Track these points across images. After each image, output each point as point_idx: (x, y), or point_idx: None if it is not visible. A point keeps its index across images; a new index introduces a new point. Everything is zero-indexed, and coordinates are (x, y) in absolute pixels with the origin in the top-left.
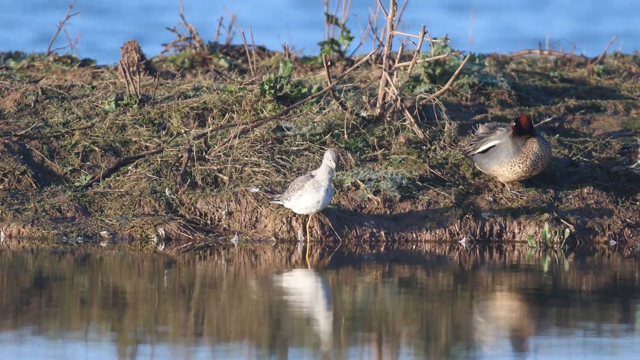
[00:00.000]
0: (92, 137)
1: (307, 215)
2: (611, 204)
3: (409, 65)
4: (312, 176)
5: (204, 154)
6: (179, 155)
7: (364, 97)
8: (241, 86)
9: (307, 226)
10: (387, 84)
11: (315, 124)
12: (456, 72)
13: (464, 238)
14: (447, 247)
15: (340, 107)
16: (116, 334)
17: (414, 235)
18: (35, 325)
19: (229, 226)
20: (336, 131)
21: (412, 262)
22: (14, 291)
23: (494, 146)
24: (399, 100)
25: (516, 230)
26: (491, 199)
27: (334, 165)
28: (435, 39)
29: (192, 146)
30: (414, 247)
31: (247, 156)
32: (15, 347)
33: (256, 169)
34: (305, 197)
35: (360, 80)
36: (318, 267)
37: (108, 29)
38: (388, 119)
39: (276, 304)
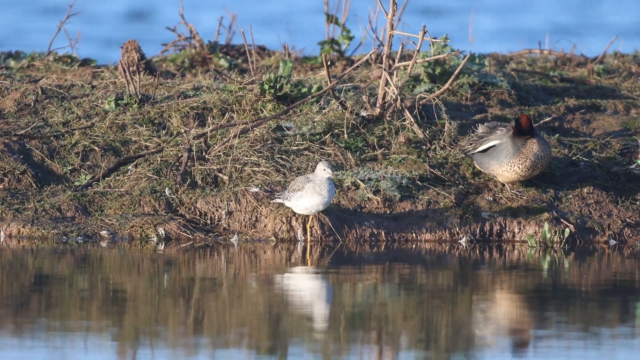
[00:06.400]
0: (92, 137)
1: (307, 215)
2: (611, 203)
3: (408, 65)
4: (311, 180)
5: (203, 153)
6: (179, 154)
7: (363, 96)
8: (241, 86)
9: (307, 226)
10: (387, 83)
11: (315, 124)
12: (456, 72)
13: (464, 238)
14: (447, 247)
15: (340, 107)
16: (116, 333)
17: (414, 235)
18: (35, 325)
19: (228, 226)
20: (336, 131)
21: (412, 261)
22: (14, 291)
23: (494, 146)
24: (399, 100)
25: (516, 230)
26: (491, 199)
27: (331, 173)
28: (435, 38)
29: (192, 146)
30: (413, 246)
31: (247, 156)
32: (15, 346)
33: (256, 169)
34: (305, 199)
35: (360, 80)
36: (318, 267)
37: (108, 29)
38: (388, 118)
39: (276, 304)
